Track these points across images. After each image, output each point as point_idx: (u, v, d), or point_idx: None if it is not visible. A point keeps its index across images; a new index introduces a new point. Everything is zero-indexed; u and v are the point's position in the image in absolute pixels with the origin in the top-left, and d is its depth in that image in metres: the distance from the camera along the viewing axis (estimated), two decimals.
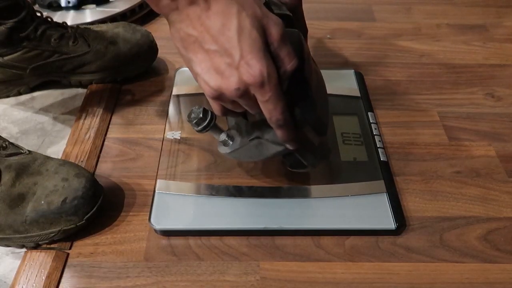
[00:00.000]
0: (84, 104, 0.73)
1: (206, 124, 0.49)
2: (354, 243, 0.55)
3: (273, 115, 0.44)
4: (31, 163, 0.55)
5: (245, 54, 0.40)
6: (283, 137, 0.47)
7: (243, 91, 0.42)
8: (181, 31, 0.41)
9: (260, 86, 0.41)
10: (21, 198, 0.53)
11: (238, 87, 0.41)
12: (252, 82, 0.41)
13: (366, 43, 0.89)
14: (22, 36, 0.69)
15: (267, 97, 0.42)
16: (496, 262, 0.54)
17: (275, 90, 0.42)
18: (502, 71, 0.83)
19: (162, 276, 0.52)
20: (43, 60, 0.72)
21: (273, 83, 0.42)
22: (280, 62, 0.43)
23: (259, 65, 0.40)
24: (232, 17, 0.40)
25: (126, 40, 0.75)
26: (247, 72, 0.40)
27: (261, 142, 0.51)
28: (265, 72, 0.41)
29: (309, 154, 0.51)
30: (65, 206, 0.52)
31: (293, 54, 0.43)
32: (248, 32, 0.40)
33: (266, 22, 0.42)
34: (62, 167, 0.55)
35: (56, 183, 0.53)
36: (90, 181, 0.54)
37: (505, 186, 0.62)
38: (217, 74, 0.41)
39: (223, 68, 0.41)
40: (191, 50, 0.42)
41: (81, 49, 0.73)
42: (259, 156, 0.52)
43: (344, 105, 0.71)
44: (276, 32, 0.42)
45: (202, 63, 0.42)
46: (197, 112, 0.49)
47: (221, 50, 0.40)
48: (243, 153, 0.52)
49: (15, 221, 0.52)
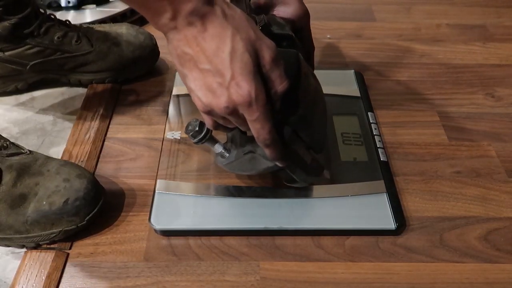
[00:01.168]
0: (84, 104, 0.73)
1: (202, 137, 0.51)
2: (354, 243, 0.55)
3: (260, 134, 0.46)
4: (32, 163, 0.55)
5: (235, 75, 0.43)
6: (271, 155, 0.49)
7: (232, 109, 0.44)
8: (178, 49, 0.43)
9: (248, 106, 0.43)
10: (22, 198, 0.53)
11: (227, 106, 0.44)
12: (241, 102, 0.43)
13: (366, 43, 0.89)
14: (25, 32, 0.69)
15: (254, 117, 0.44)
16: (496, 262, 0.54)
17: (262, 111, 0.44)
18: (502, 71, 0.83)
19: (162, 276, 0.52)
20: (44, 58, 0.72)
21: (260, 103, 0.44)
22: (271, 83, 0.45)
23: (248, 86, 0.43)
24: (227, 39, 0.42)
25: (129, 42, 0.75)
26: (236, 92, 0.43)
27: (254, 156, 0.52)
28: (253, 93, 0.43)
29: (299, 170, 0.53)
30: (67, 207, 0.52)
31: (284, 76, 0.45)
32: (240, 54, 0.42)
33: (259, 45, 0.44)
34: (64, 167, 0.55)
35: (57, 184, 0.53)
36: (91, 182, 0.54)
37: (505, 186, 0.63)
38: (209, 92, 0.44)
39: (214, 87, 0.43)
40: (187, 67, 0.44)
41: (84, 48, 0.73)
42: (251, 170, 0.53)
43: (344, 105, 0.71)
44: (268, 55, 0.44)
45: (196, 80, 0.44)
46: (194, 125, 0.51)
47: (214, 70, 0.43)
48: (238, 166, 0.54)
49: (16, 221, 0.52)
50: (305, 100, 0.50)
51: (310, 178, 0.55)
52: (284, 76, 0.45)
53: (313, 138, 0.53)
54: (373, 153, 0.64)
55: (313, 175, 0.55)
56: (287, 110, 0.49)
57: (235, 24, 0.43)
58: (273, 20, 0.55)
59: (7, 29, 0.67)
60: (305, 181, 0.55)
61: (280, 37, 0.53)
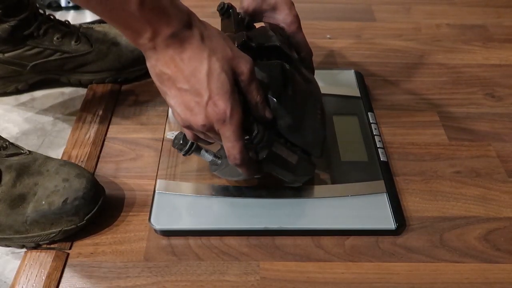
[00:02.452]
0: (84, 104, 0.73)
1: (188, 149, 0.52)
2: (354, 243, 0.55)
3: (231, 153, 0.48)
4: (32, 164, 0.55)
5: (213, 95, 0.44)
6: (244, 173, 0.51)
7: (208, 127, 0.46)
8: (157, 68, 0.45)
9: (222, 122, 0.45)
10: (21, 198, 0.53)
11: (204, 124, 0.46)
12: (216, 119, 0.45)
13: (366, 43, 0.89)
14: (25, 34, 0.69)
15: (227, 134, 0.46)
16: (496, 262, 0.54)
17: (234, 130, 0.46)
18: (502, 71, 0.83)
19: (162, 276, 0.52)
20: (44, 58, 0.72)
21: (234, 122, 0.46)
22: (249, 95, 0.48)
23: (224, 105, 0.45)
24: (204, 61, 0.44)
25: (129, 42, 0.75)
26: (213, 111, 0.45)
27: None
28: (228, 112, 0.45)
29: (286, 173, 0.54)
30: (66, 207, 0.52)
31: (259, 89, 0.48)
32: (217, 75, 0.44)
33: (237, 62, 0.46)
34: (63, 167, 0.55)
35: (57, 184, 0.53)
36: (91, 181, 0.54)
37: (505, 186, 0.62)
38: (187, 110, 0.46)
39: (192, 105, 0.45)
40: (166, 85, 0.46)
41: (83, 48, 0.73)
42: (240, 175, 0.54)
43: (344, 105, 0.71)
44: (245, 69, 0.46)
45: (174, 98, 0.46)
46: (179, 138, 0.52)
47: (192, 90, 0.45)
48: (228, 172, 0.55)
49: (15, 222, 0.52)
50: (292, 107, 0.52)
51: (299, 178, 0.56)
52: (259, 88, 0.48)
53: (306, 142, 0.54)
54: (373, 153, 0.64)
55: (303, 175, 0.56)
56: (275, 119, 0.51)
57: (212, 45, 0.45)
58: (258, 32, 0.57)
59: (7, 31, 0.67)
60: (294, 181, 0.56)
61: (266, 49, 0.54)
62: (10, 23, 0.67)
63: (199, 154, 0.54)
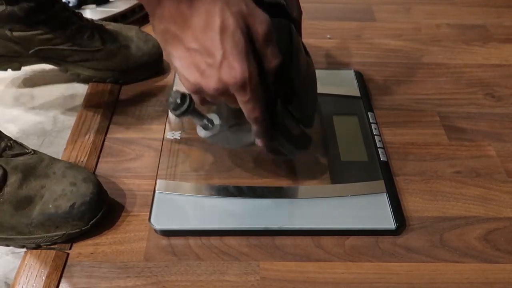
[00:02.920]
0: (84, 104, 0.73)
1: (184, 110, 0.47)
2: (354, 243, 0.55)
3: (251, 113, 0.44)
4: (38, 165, 0.55)
5: (227, 55, 0.39)
6: (259, 132, 0.47)
7: (222, 90, 0.41)
8: (162, 25, 0.40)
9: (241, 88, 0.41)
10: (28, 200, 0.53)
11: (218, 87, 0.41)
12: (233, 83, 0.40)
13: (366, 43, 0.89)
14: (40, 18, 0.67)
15: (246, 98, 0.42)
16: (496, 262, 0.54)
17: (255, 91, 0.42)
18: (502, 71, 0.83)
19: (162, 276, 0.52)
20: (52, 46, 0.70)
21: (253, 85, 0.41)
22: (263, 59, 0.43)
23: (240, 67, 0.40)
24: (215, 15, 0.39)
25: (139, 47, 0.75)
26: (228, 74, 0.40)
27: (241, 129, 0.51)
28: (246, 75, 0.40)
29: (288, 144, 0.51)
30: (73, 211, 0.52)
31: (277, 53, 0.43)
32: (231, 32, 0.39)
33: (252, 20, 0.41)
34: (69, 170, 0.55)
35: (64, 187, 0.53)
36: (97, 186, 0.55)
37: (505, 186, 0.62)
38: (197, 72, 0.41)
39: (203, 67, 0.40)
40: (171, 45, 0.41)
41: (95, 45, 0.72)
42: (237, 144, 0.52)
43: (344, 105, 0.71)
44: (261, 30, 0.41)
45: (182, 59, 0.41)
46: (175, 97, 0.47)
47: (202, 50, 0.40)
48: (222, 139, 0.52)
49: (19, 223, 0.52)
50: (297, 74, 0.49)
51: (297, 150, 0.54)
52: (277, 53, 0.43)
53: (304, 112, 0.51)
54: (373, 153, 0.63)
55: (302, 148, 0.54)
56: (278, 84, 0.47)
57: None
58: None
59: (24, 11, 0.66)
60: (292, 153, 0.53)
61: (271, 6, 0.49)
62: (30, 4, 0.66)
63: (193, 116, 0.50)
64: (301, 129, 0.52)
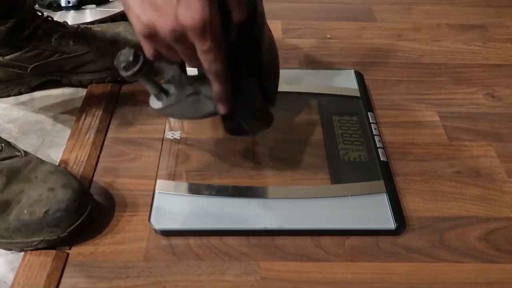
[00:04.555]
0: (84, 104, 0.73)
1: (137, 70, 0.41)
2: (354, 243, 0.55)
3: (212, 66, 0.39)
4: (23, 168, 0.54)
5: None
6: (219, 92, 0.42)
7: (179, 34, 0.37)
8: None
9: (200, 33, 0.36)
10: (6, 205, 0.52)
11: (174, 29, 0.36)
12: (191, 26, 0.36)
13: (366, 43, 0.89)
14: (22, 36, 0.69)
15: (206, 47, 0.37)
16: (496, 262, 0.54)
17: (216, 39, 0.37)
18: (502, 71, 0.83)
19: (162, 276, 0.52)
20: (43, 60, 0.72)
21: (214, 31, 0.37)
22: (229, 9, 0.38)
23: (200, 7, 0.35)
24: None
25: (127, 40, 0.75)
26: (186, 14, 0.35)
27: (199, 98, 0.46)
28: (207, 18, 0.35)
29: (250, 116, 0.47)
30: (47, 218, 0.51)
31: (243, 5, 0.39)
32: None
33: None
34: (52, 175, 0.54)
35: (41, 193, 0.52)
36: (76, 192, 0.53)
37: (505, 186, 0.62)
38: (152, 9, 0.36)
39: (159, 3, 0.35)
40: None
41: (82, 48, 0.73)
42: (194, 114, 0.47)
43: (344, 105, 0.71)
44: None
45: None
46: (127, 55, 0.41)
47: None
48: (178, 109, 0.47)
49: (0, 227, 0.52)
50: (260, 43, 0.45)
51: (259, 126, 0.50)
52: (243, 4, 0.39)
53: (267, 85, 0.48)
54: (373, 153, 0.64)
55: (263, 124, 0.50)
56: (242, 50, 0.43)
57: None
58: None
59: (4, 33, 0.67)
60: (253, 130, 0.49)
61: None
62: (7, 25, 0.67)
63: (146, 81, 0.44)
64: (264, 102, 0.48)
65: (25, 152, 0.57)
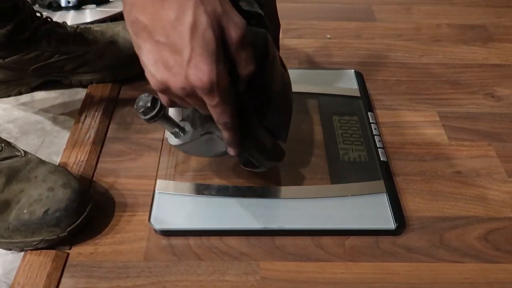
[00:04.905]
0: (84, 104, 0.73)
1: (155, 114, 0.45)
2: (354, 243, 0.55)
3: (221, 118, 0.43)
4: (23, 168, 0.54)
5: (195, 55, 0.38)
6: (228, 139, 0.46)
7: (189, 91, 0.40)
8: (132, 14, 0.38)
9: (208, 92, 0.39)
10: (6, 204, 0.52)
11: (184, 87, 0.39)
12: (199, 86, 0.39)
13: (366, 43, 0.89)
14: (22, 38, 0.69)
15: (214, 102, 0.40)
16: (496, 262, 0.54)
17: (224, 96, 0.40)
18: (502, 71, 0.83)
19: (162, 276, 0.52)
20: (43, 61, 0.72)
21: (222, 89, 0.40)
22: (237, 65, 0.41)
23: (208, 70, 0.38)
24: (188, 10, 0.37)
25: (126, 39, 0.75)
26: (194, 75, 0.38)
27: (212, 138, 0.49)
28: (214, 78, 0.38)
29: (260, 155, 0.49)
30: (47, 218, 0.51)
31: (251, 60, 0.42)
32: (202, 30, 0.37)
33: (226, 22, 0.39)
34: (51, 175, 0.54)
35: (41, 192, 0.52)
36: (76, 192, 0.53)
37: (505, 186, 0.62)
38: (165, 68, 0.39)
39: (171, 63, 0.38)
40: (140, 37, 0.39)
41: (81, 49, 0.73)
42: (207, 153, 0.50)
43: (344, 105, 0.71)
44: (235, 35, 0.39)
45: (150, 53, 0.39)
46: (146, 101, 0.45)
47: (171, 45, 0.38)
48: (192, 147, 0.50)
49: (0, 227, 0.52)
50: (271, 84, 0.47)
51: (270, 163, 0.52)
52: (251, 59, 0.41)
53: (277, 125, 0.50)
54: (373, 153, 0.63)
55: (274, 160, 0.52)
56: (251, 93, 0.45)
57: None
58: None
59: (4, 36, 0.67)
60: (264, 166, 0.51)
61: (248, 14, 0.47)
62: (7, 28, 0.67)
63: (164, 123, 0.48)
64: (274, 141, 0.50)
65: (25, 152, 0.57)
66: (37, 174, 0.54)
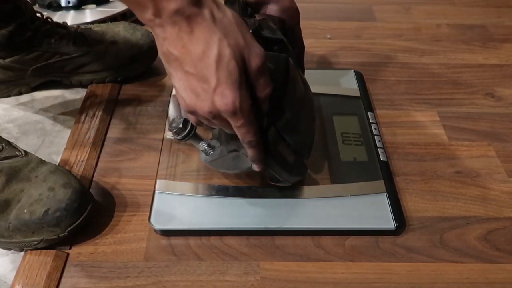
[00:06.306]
0: (84, 104, 0.73)
1: (186, 134, 0.51)
2: (354, 243, 0.55)
3: (245, 137, 0.47)
4: (23, 168, 0.54)
5: (220, 83, 0.42)
6: (253, 157, 0.50)
7: (215, 114, 0.44)
8: (164, 47, 0.43)
9: (232, 114, 0.44)
10: (7, 204, 0.52)
11: (211, 111, 0.44)
12: (224, 110, 0.43)
13: (366, 43, 0.89)
14: (23, 39, 0.69)
15: (239, 124, 0.45)
16: (496, 262, 0.54)
17: (247, 118, 0.45)
18: (502, 71, 0.83)
19: (162, 276, 0.52)
20: (44, 61, 0.72)
21: (245, 111, 0.44)
22: (255, 89, 0.46)
23: (232, 95, 0.43)
24: (213, 45, 0.42)
25: (127, 40, 0.75)
26: (220, 101, 0.43)
27: (238, 155, 0.53)
28: (237, 103, 0.43)
29: (282, 170, 0.53)
30: (47, 217, 0.51)
31: (268, 83, 0.46)
32: (226, 62, 0.42)
33: (247, 53, 0.44)
34: (52, 174, 0.54)
35: (41, 192, 0.52)
36: (76, 192, 0.53)
37: (505, 186, 0.62)
38: (193, 94, 0.44)
39: (199, 91, 0.43)
40: (172, 66, 0.44)
41: (82, 49, 0.73)
42: (235, 169, 0.54)
43: (344, 105, 0.71)
44: (255, 64, 0.44)
45: (180, 81, 0.44)
46: (178, 122, 0.51)
47: (199, 75, 0.42)
48: (221, 163, 0.54)
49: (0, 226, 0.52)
50: (292, 104, 0.51)
51: (293, 178, 0.55)
52: (268, 83, 0.46)
53: (299, 142, 0.53)
54: (373, 153, 0.63)
55: (297, 175, 0.55)
56: (273, 114, 0.50)
57: (224, 29, 0.42)
58: (264, 23, 0.55)
59: (5, 37, 0.67)
60: (288, 181, 0.55)
61: (271, 41, 0.53)
62: (8, 29, 0.67)
63: (195, 141, 0.53)
64: (296, 157, 0.54)
65: (26, 152, 0.57)
66: (38, 174, 0.54)
